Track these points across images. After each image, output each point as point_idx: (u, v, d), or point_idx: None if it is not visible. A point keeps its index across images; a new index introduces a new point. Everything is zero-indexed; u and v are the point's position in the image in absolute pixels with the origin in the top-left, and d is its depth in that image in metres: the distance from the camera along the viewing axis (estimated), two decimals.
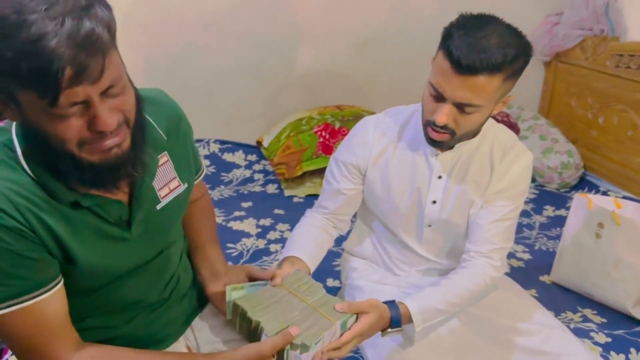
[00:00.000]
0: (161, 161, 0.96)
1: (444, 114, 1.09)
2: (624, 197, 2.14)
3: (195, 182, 1.08)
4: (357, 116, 2.45)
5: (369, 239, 1.42)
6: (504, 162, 1.22)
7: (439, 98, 1.10)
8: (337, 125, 2.41)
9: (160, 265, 1.00)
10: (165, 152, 0.96)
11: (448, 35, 1.07)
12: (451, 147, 1.21)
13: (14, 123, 0.81)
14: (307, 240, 1.26)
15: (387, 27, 2.64)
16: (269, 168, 2.51)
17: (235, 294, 1.01)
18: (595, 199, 1.63)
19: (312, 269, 1.21)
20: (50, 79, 0.68)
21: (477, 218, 1.23)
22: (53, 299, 0.82)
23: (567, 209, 1.71)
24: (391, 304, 1.09)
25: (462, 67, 1.03)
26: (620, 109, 2.42)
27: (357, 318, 1.01)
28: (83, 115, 0.74)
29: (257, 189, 2.37)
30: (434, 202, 1.26)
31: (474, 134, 1.21)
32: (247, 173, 2.46)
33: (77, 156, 0.77)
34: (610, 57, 2.45)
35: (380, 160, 1.27)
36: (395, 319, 1.08)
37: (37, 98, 0.70)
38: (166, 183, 0.96)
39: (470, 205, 1.24)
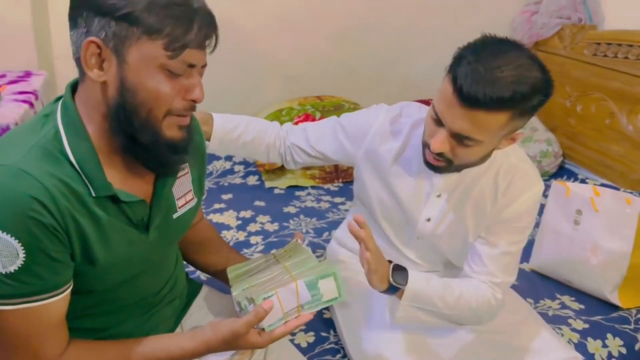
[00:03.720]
0: (182, 172, 0.97)
1: (439, 142, 1.01)
2: (602, 185, 2.16)
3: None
4: (337, 107, 2.44)
5: None
6: (510, 192, 1.12)
7: (439, 123, 1.02)
8: (318, 115, 2.40)
9: (162, 267, 1.02)
10: (187, 163, 0.97)
11: (458, 59, 0.96)
12: (457, 170, 1.11)
13: (59, 110, 0.82)
14: (244, 117, 1.29)
15: (368, 15, 2.63)
16: (250, 159, 2.49)
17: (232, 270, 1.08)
18: (573, 186, 1.64)
19: (217, 123, 1.23)
20: (189, 30, 0.77)
21: (478, 247, 1.16)
22: (60, 303, 0.82)
23: (546, 197, 1.72)
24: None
25: (464, 97, 0.94)
26: (598, 97, 2.44)
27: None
28: (183, 81, 0.81)
29: (238, 180, 2.35)
30: (429, 219, 1.20)
31: (477, 164, 1.11)
32: (227, 165, 2.43)
33: (158, 128, 0.82)
34: (588, 46, 2.46)
35: (380, 162, 1.21)
36: (395, 269, 1.08)
37: (163, 48, 0.76)
38: (183, 194, 0.98)
39: (465, 232, 1.18)
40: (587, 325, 1.48)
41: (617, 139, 2.35)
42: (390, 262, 1.09)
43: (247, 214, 2.04)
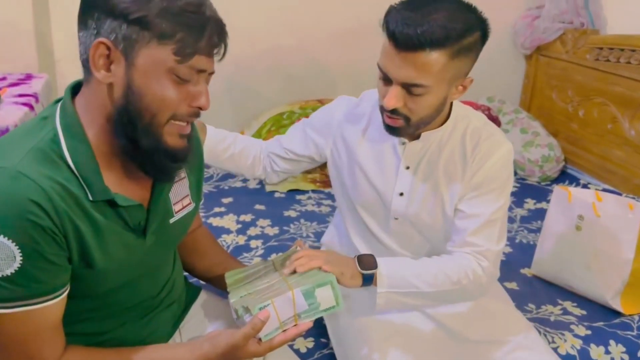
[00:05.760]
0: (179, 177, 0.97)
1: (391, 97, 1.03)
2: (604, 190, 2.15)
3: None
4: None
5: (343, 230, 1.37)
6: (478, 154, 1.13)
7: (387, 80, 1.05)
8: None
9: (159, 271, 1.01)
10: (184, 168, 0.96)
11: (389, 12, 1.02)
12: (417, 137, 1.14)
13: (58, 113, 0.82)
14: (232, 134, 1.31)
15: (370, 17, 2.60)
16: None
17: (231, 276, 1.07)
18: (575, 191, 1.63)
19: (210, 134, 1.26)
20: (200, 38, 0.78)
21: (458, 222, 1.15)
22: (57, 305, 0.81)
23: (548, 202, 1.71)
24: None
25: (400, 42, 0.98)
26: (600, 102, 2.43)
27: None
28: (190, 87, 0.81)
29: (238, 184, 2.34)
30: (401, 194, 1.19)
31: (438, 120, 1.13)
32: None
33: (160, 134, 0.82)
34: (590, 50, 2.46)
35: (348, 145, 1.23)
36: (361, 259, 1.08)
37: (172, 53, 0.77)
38: (180, 199, 0.98)
39: (441, 202, 1.17)
40: (589, 332, 1.47)
41: (619, 144, 2.35)
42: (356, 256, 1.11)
43: (247, 217, 2.03)
